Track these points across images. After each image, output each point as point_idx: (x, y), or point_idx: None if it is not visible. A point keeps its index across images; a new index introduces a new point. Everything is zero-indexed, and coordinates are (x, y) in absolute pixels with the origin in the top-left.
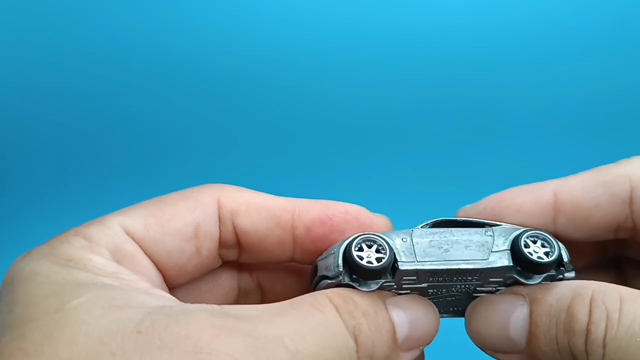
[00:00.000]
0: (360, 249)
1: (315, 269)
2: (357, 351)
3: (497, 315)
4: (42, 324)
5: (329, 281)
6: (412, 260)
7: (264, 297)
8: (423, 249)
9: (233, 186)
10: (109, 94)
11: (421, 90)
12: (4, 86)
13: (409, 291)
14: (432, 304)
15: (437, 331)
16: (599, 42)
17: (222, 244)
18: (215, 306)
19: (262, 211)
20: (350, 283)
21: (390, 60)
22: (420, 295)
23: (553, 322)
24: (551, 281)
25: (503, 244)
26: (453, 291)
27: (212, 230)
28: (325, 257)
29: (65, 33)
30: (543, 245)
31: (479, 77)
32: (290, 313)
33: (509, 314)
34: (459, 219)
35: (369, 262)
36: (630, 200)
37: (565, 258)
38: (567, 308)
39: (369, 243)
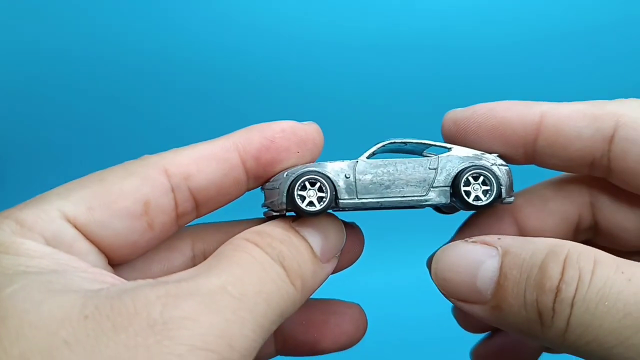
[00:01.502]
0: (304, 187)
1: (264, 191)
2: (287, 276)
3: (466, 264)
4: None
5: (274, 214)
6: (353, 197)
7: None
8: (364, 185)
9: (171, 151)
10: (109, 94)
11: (421, 90)
12: (4, 86)
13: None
14: (333, 214)
15: (344, 237)
16: (598, 42)
17: (179, 213)
18: (150, 280)
19: (212, 162)
20: (284, 214)
21: (389, 60)
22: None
23: (524, 277)
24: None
25: (445, 179)
26: (396, 207)
27: (164, 204)
28: (270, 188)
29: (65, 33)
30: (484, 183)
31: (478, 76)
32: (222, 262)
33: (479, 264)
34: (407, 140)
35: (310, 202)
36: (611, 139)
37: (504, 193)
38: (541, 264)
39: (312, 181)
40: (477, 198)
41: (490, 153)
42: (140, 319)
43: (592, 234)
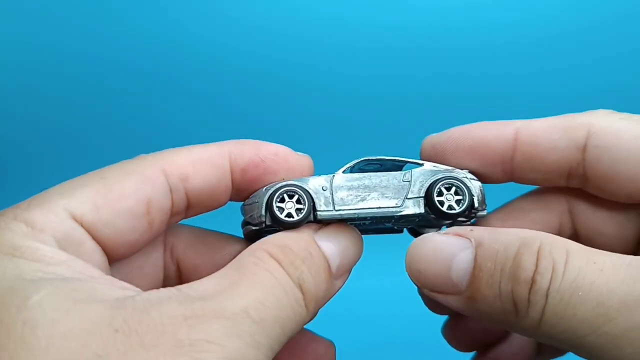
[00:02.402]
0: (282, 200)
1: (243, 211)
2: (303, 299)
3: (441, 256)
4: (9, 327)
5: (253, 227)
6: (330, 209)
7: (180, 267)
8: (341, 197)
9: (168, 150)
10: (108, 94)
11: (420, 90)
12: (4, 86)
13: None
14: (354, 228)
15: (362, 252)
16: (598, 42)
17: (173, 212)
18: (173, 290)
19: (207, 166)
20: (272, 229)
21: (389, 60)
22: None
23: (498, 269)
24: (463, 223)
25: (418, 190)
26: (374, 223)
27: (163, 204)
28: (250, 204)
29: (65, 33)
30: (456, 193)
31: (478, 76)
32: (244, 280)
33: (453, 256)
34: (382, 157)
35: (289, 214)
36: (584, 147)
37: (477, 203)
38: (514, 256)
39: (290, 193)
40: (450, 207)
41: (461, 169)
42: (167, 338)
43: (580, 182)
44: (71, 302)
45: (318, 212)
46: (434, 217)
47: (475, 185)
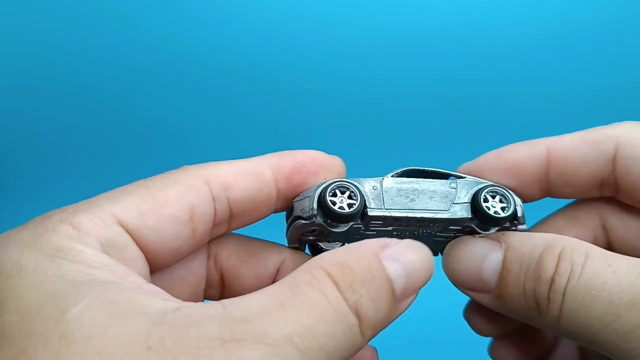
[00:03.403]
0: (334, 195)
1: (292, 209)
2: (359, 325)
3: (473, 257)
4: (46, 340)
5: (303, 222)
6: (380, 207)
7: (223, 276)
8: (391, 197)
9: (210, 163)
10: (108, 94)
11: (420, 89)
12: (4, 86)
13: (375, 232)
14: (425, 247)
15: (432, 273)
16: (598, 41)
17: (216, 222)
18: (218, 306)
19: (249, 177)
20: (323, 223)
21: (388, 59)
22: (386, 236)
23: (523, 270)
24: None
25: (464, 196)
26: (415, 234)
27: (207, 212)
28: (301, 199)
29: (65, 33)
30: (501, 201)
31: (478, 76)
32: (294, 303)
33: (485, 257)
34: (427, 169)
35: (341, 207)
36: (614, 158)
37: (520, 213)
38: (538, 258)
39: (342, 189)
40: (496, 212)
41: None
42: None
43: (612, 191)
44: (109, 316)
45: (368, 209)
46: (478, 224)
47: (517, 198)
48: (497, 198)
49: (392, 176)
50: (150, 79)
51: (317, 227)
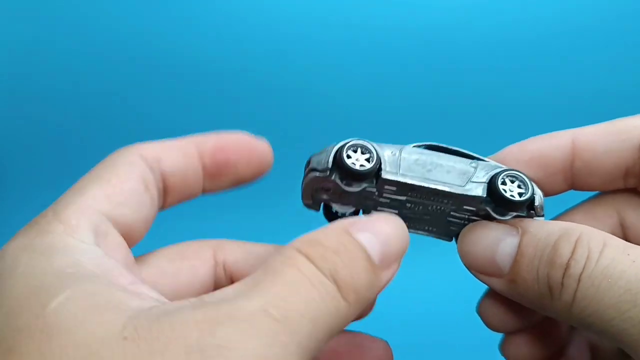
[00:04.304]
0: (354, 152)
1: (308, 162)
2: (339, 291)
3: (489, 239)
4: (29, 335)
5: (317, 174)
6: (395, 171)
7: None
8: (408, 164)
9: (140, 143)
10: (108, 94)
11: (420, 89)
12: (4, 86)
13: (388, 201)
14: (393, 214)
15: (408, 240)
16: (598, 41)
17: (158, 193)
18: (194, 299)
19: (176, 151)
20: (335, 180)
21: (388, 59)
22: (399, 208)
23: (538, 254)
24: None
25: (483, 176)
26: (429, 210)
27: (153, 180)
28: (319, 153)
29: (65, 33)
30: (519, 187)
31: (478, 76)
32: (267, 279)
33: (500, 240)
34: (451, 147)
35: (354, 164)
36: (639, 147)
37: (537, 202)
38: (554, 243)
39: (361, 149)
40: (512, 196)
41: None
42: (176, 345)
43: (637, 181)
44: (87, 309)
45: (382, 172)
46: (494, 207)
47: (537, 190)
48: (516, 183)
49: (413, 146)
50: (150, 79)
51: (331, 184)
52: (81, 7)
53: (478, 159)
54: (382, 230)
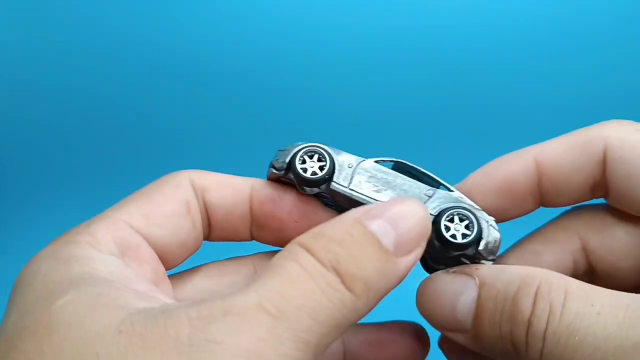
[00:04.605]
0: (310, 157)
1: (276, 155)
2: (341, 282)
3: (447, 295)
4: (32, 331)
5: (274, 171)
6: (345, 184)
7: None
8: (360, 179)
9: (197, 170)
10: (108, 94)
11: (420, 89)
12: (4, 86)
13: (342, 208)
14: (412, 198)
15: (429, 223)
16: (598, 41)
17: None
18: (197, 299)
19: (228, 187)
20: (287, 179)
21: (389, 59)
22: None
23: (499, 309)
24: (467, 260)
25: (433, 208)
26: None
27: (199, 206)
28: (284, 150)
29: (65, 33)
30: (467, 227)
31: (479, 76)
32: (266, 275)
33: (458, 295)
34: (419, 168)
35: (306, 169)
36: (604, 160)
37: (482, 246)
38: (513, 296)
39: (319, 156)
40: (453, 236)
41: (489, 216)
42: (167, 340)
43: (589, 278)
44: (91, 307)
45: (333, 182)
46: (436, 242)
47: (491, 233)
48: (465, 222)
49: (375, 161)
50: (150, 79)
51: (289, 181)
52: (81, 7)
53: (443, 186)
54: (397, 215)
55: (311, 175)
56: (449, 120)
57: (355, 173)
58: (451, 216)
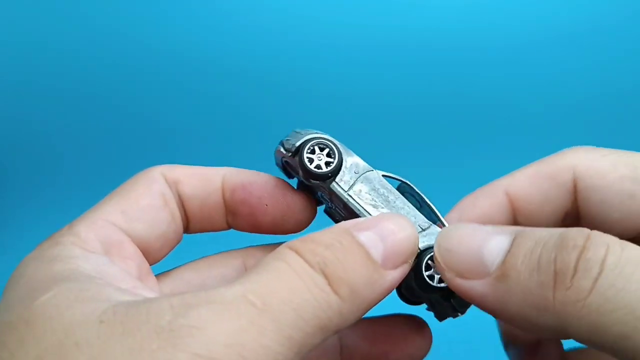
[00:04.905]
0: (321, 149)
1: (290, 133)
2: (328, 284)
3: (475, 237)
4: (15, 327)
5: (282, 150)
6: (344, 188)
7: None
8: (360, 188)
9: (169, 165)
10: (108, 95)
11: (421, 90)
12: (5, 86)
13: (334, 208)
14: (402, 215)
15: (416, 242)
16: (599, 42)
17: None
18: (179, 293)
19: (199, 177)
20: (293, 163)
21: (390, 60)
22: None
23: (540, 244)
24: (438, 301)
25: (422, 242)
26: None
27: (174, 198)
28: (298, 132)
29: (65, 33)
30: None
31: (480, 77)
32: (254, 271)
33: (490, 236)
34: (422, 195)
35: (311, 160)
36: (574, 190)
37: (456, 299)
38: (563, 231)
39: (329, 151)
40: (430, 277)
41: None
42: (149, 326)
43: (574, 220)
44: (73, 301)
45: (334, 182)
46: (413, 275)
47: None
48: None
49: (383, 175)
50: (150, 79)
51: (292, 164)
52: (81, 7)
53: (439, 222)
54: (386, 230)
55: (315, 167)
56: (448, 120)
57: (359, 180)
58: (431, 260)
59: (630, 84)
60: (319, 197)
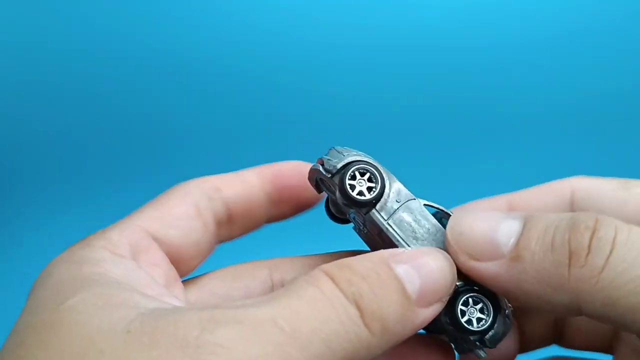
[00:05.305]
0: (362, 174)
1: (329, 151)
2: (361, 317)
3: (488, 220)
4: (40, 329)
5: (321, 168)
6: (384, 217)
7: None
8: (401, 218)
9: (201, 177)
10: (108, 95)
11: (421, 90)
12: (5, 86)
13: (367, 233)
14: (442, 251)
15: (453, 279)
16: (599, 42)
17: (217, 220)
18: (210, 303)
19: (236, 181)
20: (332, 183)
21: (390, 60)
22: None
23: (553, 224)
24: (472, 342)
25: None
26: None
27: (209, 207)
28: (339, 151)
29: (65, 33)
30: (481, 311)
31: (481, 78)
32: (285, 294)
33: (503, 219)
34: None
35: (353, 186)
36: (572, 202)
37: (490, 336)
38: (573, 215)
39: (370, 175)
40: (469, 321)
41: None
42: (175, 339)
43: None
44: (100, 307)
45: (374, 209)
46: (443, 318)
47: (505, 321)
48: (479, 306)
49: (424, 204)
50: (150, 79)
51: (329, 183)
52: (81, 7)
53: None
54: (425, 265)
55: (357, 194)
56: (448, 120)
57: (400, 209)
58: (465, 300)
59: (630, 84)
60: (349, 217)
